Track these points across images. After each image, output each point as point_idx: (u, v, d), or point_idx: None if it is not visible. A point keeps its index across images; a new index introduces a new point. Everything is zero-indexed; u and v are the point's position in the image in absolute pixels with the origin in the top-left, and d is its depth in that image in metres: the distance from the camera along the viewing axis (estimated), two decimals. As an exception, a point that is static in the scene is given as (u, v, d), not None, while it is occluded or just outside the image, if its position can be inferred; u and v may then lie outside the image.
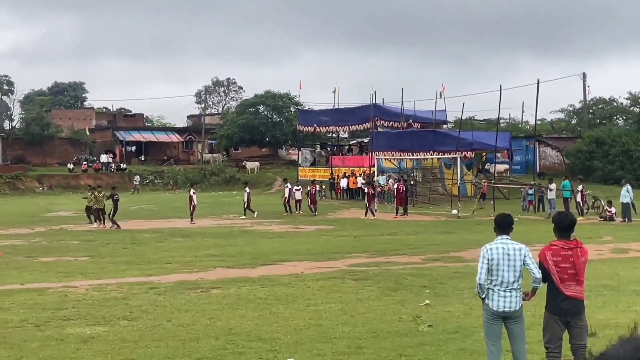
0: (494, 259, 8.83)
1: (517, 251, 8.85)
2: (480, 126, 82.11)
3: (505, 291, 8.81)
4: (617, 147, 60.08)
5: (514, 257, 8.82)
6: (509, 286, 8.80)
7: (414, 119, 62.97)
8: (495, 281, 8.84)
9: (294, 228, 35.10)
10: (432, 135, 55.03)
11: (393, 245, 26.23)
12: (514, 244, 8.92)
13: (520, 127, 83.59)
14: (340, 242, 28.04)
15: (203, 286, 17.11)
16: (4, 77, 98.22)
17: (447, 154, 52.45)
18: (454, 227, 34.54)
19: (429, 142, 53.31)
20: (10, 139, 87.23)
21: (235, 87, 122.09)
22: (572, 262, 8.69)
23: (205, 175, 76.86)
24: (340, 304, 14.71)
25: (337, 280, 17.75)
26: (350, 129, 68.67)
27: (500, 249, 8.86)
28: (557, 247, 8.78)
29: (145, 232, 33.41)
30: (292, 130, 79.64)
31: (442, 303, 14.68)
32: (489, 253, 8.89)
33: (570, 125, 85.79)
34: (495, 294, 8.85)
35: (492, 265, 8.84)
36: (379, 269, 19.85)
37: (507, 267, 8.80)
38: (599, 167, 59.79)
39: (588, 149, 61.89)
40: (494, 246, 8.93)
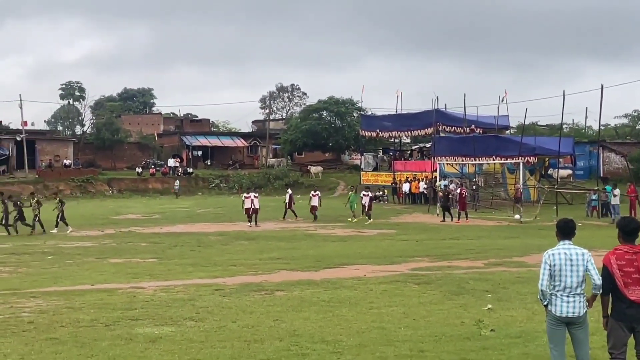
0: (557, 265, 8.73)
1: (579, 256, 8.73)
2: (543, 131, 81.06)
3: (568, 296, 8.70)
4: (683, 152, 58.90)
5: (577, 262, 8.70)
6: (572, 291, 8.69)
7: (476, 124, 62.54)
8: (558, 286, 8.74)
9: (356, 232, 35.06)
10: (495, 140, 54.55)
11: (455, 250, 26.03)
12: (576, 249, 8.80)
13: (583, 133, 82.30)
14: (403, 246, 27.92)
15: (267, 288, 17.18)
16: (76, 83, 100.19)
17: (509, 159, 51.92)
18: (516, 232, 34.16)
19: (491, 147, 52.88)
20: (82, 143, 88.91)
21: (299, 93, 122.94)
22: (637, 267, 8.51)
23: (269, 179, 77.35)
24: (403, 307, 14.64)
25: (399, 284, 17.67)
26: (412, 134, 68.53)
27: (562, 254, 8.76)
28: (622, 251, 8.61)
29: (211, 235, 33.71)
30: (355, 136, 79.70)
31: (504, 307, 14.51)
32: (551, 258, 8.79)
33: (634, 130, 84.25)
34: (559, 299, 8.75)
35: (554, 270, 8.75)
36: (442, 273, 19.72)
37: (569, 272, 8.70)
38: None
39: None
40: (556, 251, 8.82)
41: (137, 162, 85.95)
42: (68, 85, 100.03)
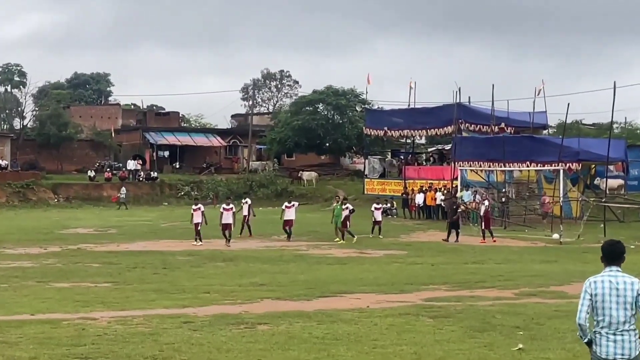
0: (599, 295, 8.73)
1: (627, 285, 8.72)
2: (589, 132, 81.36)
3: (615, 334, 8.66)
4: None
5: (624, 293, 8.67)
6: (619, 327, 8.66)
7: (507, 122, 62.67)
8: (603, 322, 8.72)
9: (358, 253, 35.09)
10: (529, 141, 54.66)
11: (479, 276, 26.07)
12: (624, 277, 8.79)
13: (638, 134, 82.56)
14: (415, 271, 27.96)
15: (248, 321, 17.18)
16: (16, 66, 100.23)
17: (547, 165, 52.00)
18: (554, 255, 34.22)
19: (525, 151, 52.96)
20: (21, 140, 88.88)
21: (290, 81, 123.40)
22: None
23: (252, 187, 77.33)
24: (414, 346, 14.64)
25: (410, 317, 17.68)
26: (428, 133, 68.69)
27: (607, 283, 8.75)
28: None
29: (179, 254, 33.71)
30: (358, 134, 79.81)
31: (539, 348, 14.53)
32: (592, 287, 8.80)
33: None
34: (603, 338, 8.71)
35: (596, 302, 8.75)
36: (462, 304, 19.75)
37: (615, 305, 8.67)
38: None
39: None
40: (599, 279, 8.83)
41: (90, 164, 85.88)
42: (5, 69, 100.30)
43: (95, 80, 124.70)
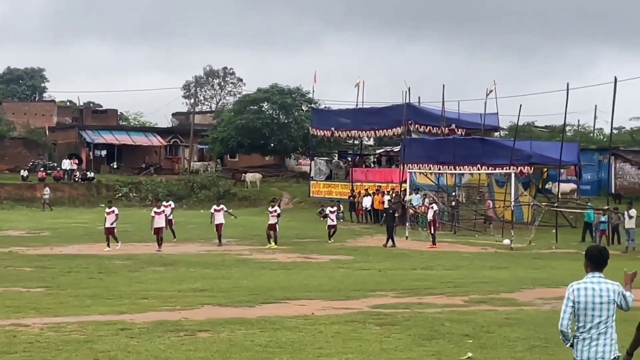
0: (582, 302, 8.96)
1: (610, 292, 8.97)
2: (542, 134, 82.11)
3: (592, 339, 8.93)
4: None
5: (607, 300, 8.94)
6: (599, 332, 8.91)
7: (458, 123, 62.99)
8: (582, 328, 8.99)
9: (303, 258, 35.12)
10: (480, 144, 55.00)
11: (428, 283, 26.21)
12: (607, 283, 9.04)
13: (591, 137, 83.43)
14: (362, 277, 28.02)
15: (187, 328, 17.10)
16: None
17: (498, 168, 52.33)
18: (505, 261, 34.50)
19: (476, 153, 53.28)
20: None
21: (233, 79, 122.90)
22: None
23: (193, 188, 77.01)
24: (360, 354, 14.68)
25: (356, 325, 17.72)
26: (376, 134, 68.76)
27: (590, 290, 8.99)
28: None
29: (115, 258, 33.47)
30: (304, 135, 79.81)
31: (488, 357, 14.64)
32: (576, 294, 9.03)
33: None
34: (580, 343, 9.00)
35: (578, 308, 8.98)
36: (410, 311, 19.82)
37: (598, 312, 8.93)
38: (691, 189, 59.65)
39: (678, 167, 61.77)
40: (582, 286, 9.06)
41: (23, 163, 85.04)
42: None
43: (30, 76, 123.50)
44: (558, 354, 14.83)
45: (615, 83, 50.32)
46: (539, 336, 16.50)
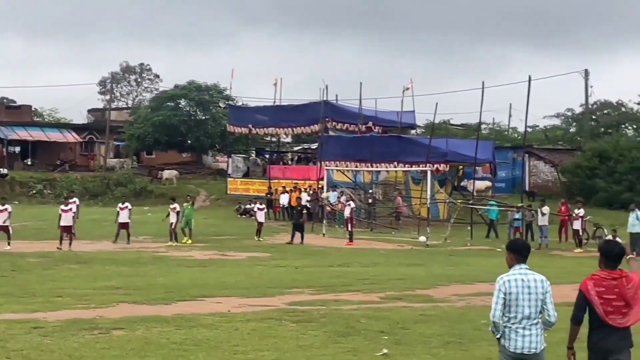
0: (513, 293, 9.35)
1: (538, 283, 9.42)
2: (457, 132, 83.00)
3: (525, 329, 9.32)
4: (624, 163, 60.92)
5: (535, 290, 9.37)
6: (530, 323, 9.32)
7: (375, 121, 63.36)
8: (514, 319, 9.36)
9: (220, 255, 34.99)
10: (397, 142, 55.34)
11: (345, 280, 26.25)
12: (534, 275, 9.49)
13: (506, 135, 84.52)
14: (279, 274, 27.99)
15: (102, 326, 16.94)
16: None
17: (415, 166, 52.70)
18: (421, 259, 34.73)
19: (393, 151, 53.59)
20: None
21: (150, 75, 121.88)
22: (618, 293, 9.36)
23: (109, 185, 76.22)
24: (276, 352, 14.68)
25: (272, 322, 17.71)
26: (294, 132, 68.88)
27: (519, 282, 9.40)
28: (600, 277, 9.49)
29: (29, 256, 32.98)
30: (221, 132, 79.49)
31: (404, 353, 14.73)
32: (506, 286, 9.42)
33: (568, 134, 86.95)
34: (513, 333, 9.35)
35: (509, 300, 9.37)
36: (326, 308, 19.85)
37: (527, 302, 9.34)
38: (602, 187, 60.60)
39: (589, 165, 62.66)
40: (512, 277, 9.47)
41: None
42: None
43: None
44: (472, 350, 15.01)
45: (530, 82, 51.01)
46: (454, 332, 16.66)
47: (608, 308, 9.31)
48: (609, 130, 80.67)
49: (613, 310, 9.31)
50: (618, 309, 9.33)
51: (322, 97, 62.07)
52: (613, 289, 9.36)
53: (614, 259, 9.58)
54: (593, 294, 9.37)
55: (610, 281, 9.39)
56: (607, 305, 9.31)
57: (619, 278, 9.41)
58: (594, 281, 9.46)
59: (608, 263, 9.55)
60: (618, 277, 9.42)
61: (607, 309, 9.31)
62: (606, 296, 9.33)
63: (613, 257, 9.58)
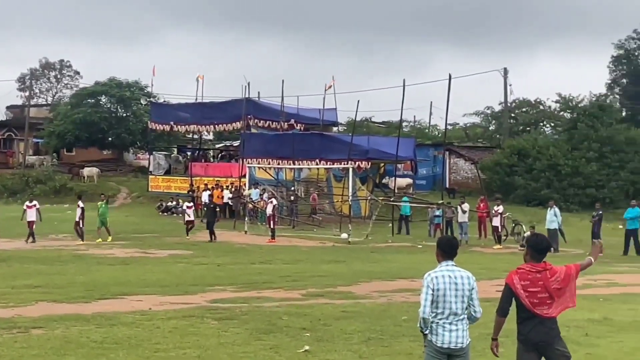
0: (440, 289, 9.45)
1: (465, 279, 9.56)
2: (379, 130, 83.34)
3: (451, 324, 9.46)
4: (543, 161, 61.79)
5: (462, 287, 9.50)
6: (456, 319, 9.47)
7: (297, 118, 63.45)
8: (441, 314, 9.48)
9: (141, 253, 34.76)
10: (319, 139, 55.37)
11: (267, 277, 26.23)
12: (460, 271, 9.63)
13: (427, 133, 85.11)
14: (201, 272, 27.89)
15: (21, 325, 16.73)
16: None
17: (337, 163, 52.86)
18: (343, 255, 34.81)
19: (315, 148, 53.62)
20: None
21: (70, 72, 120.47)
22: (542, 286, 9.60)
23: (28, 183, 75.20)
24: (198, 349, 14.62)
25: (194, 320, 17.64)
26: (216, 129, 68.60)
27: (447, 278, 9.51)
28: (525, 271, 9.73)
29: (-54, 255, 32.51)
30: (143, 129, 78.91)
31: (325, 350, 14.75)
32: (434, 282, 9.50)
33: (487, 132, 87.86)
34: (440, 328, 9.47)
35: (437, 296, 9.46)
36: (248, 305, 19.84)
37: (454, 298, 9.47)
38: (520, 184, 61.41)
39: (508, 162, 63.44)
40: (439, 274, 9.56)
41: None
42: None
43: None
44: (393, 346, 15.10)
45: (450, 80, 51.44)
46: (375, 328, 16.74)
47: (534, 300, 9.55)
48: (527, 128, 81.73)
49: (539, 302, 9.55)
50: (543, 300, 9.57)
51: (244, 94, 62.13)
52: (537, 281, 9.60)
53: (541, 252, 9.82)
54: (519, 287, 9.60)
55: (535, 274, 9.62)
56: (532, 297, 9.55)
57: (543, 271, 9.66)
58: (520, 275, 9.69)
59: (535, 255, 9.79)
60: (542, 269, 9.67)
61: (533, 301, 9.54)
62: (531, 289, 9.57)
63: (540, 250, 9.82)
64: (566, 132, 67.84)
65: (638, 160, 60.93)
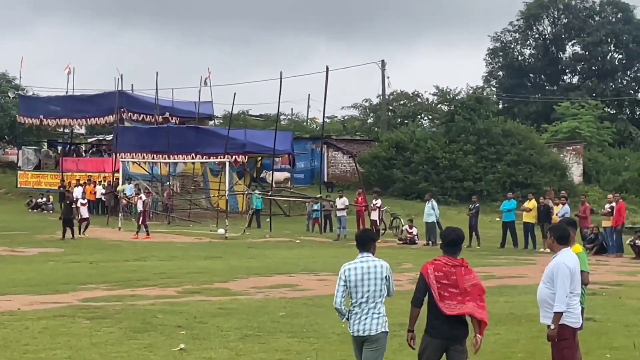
0: (352, 280, 10.01)
1: (378, 268, 10.05)
2: (256, 123, 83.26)
3: (363, 312, 9.98)
4: (421, 154, 62.55)
5: (375, 276, 9.99)
6: (367, 307, 9.96)
7: (172, 111, 63.12)
8: (355, 303, 10.03)
9: (9, 251, 34.14)
10: (195, 133, 55.20)
11: (141, 274, 26.05)
12: (375, 261, 10.13)
13: (305, 126, 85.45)
14: (72, 270, 27.53)
15: None
16: None
17: (213, 157, 52.74)
18: (219, 251, 34.77)
19: (191, 142, 53.46)
20: None
21: None
22: (454, 280, 9.79)
23: None
24: (69, 350, 14.44)
25: (65, 319, 17.40)
26: (88, 123, 67.78)
27: (359, 269, 10.04)
28: (441, 263, 9.93)
29: None
30: (10, 123, 77.34)
31: (201, 347, 14.72)
32: (347, 273, 10.05)
33: (365, 125, 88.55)
34: (353, 316, 10.04)
35: (350, 287, 10.02)
36: (122, 304, 19.66)
37: (366, 288, 9.97)
38: (399, 177, 62.03)
39: (386, 155, 63.95)
40: (352, 266, 10.10)
41: None
42: None
43: None
44: (270, 342, 15.15)
45: (327, 72, 51.71)
46: (252, 325, 16.78)
47: (444, 293, 9.74)
48: (405, 120, 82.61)
49: (449, 295, 9.75)
50: (453, 295, 9.76)
51: (117, 87, 61.38)
52: (450, 275, 9.80)
53: (449, 244, 10.06)
54: (432, 278, 9.81)
55: (450, 268, 9.84)
56: (443, 290, 9.75)
57: (459, 266, 9.88)
58: (435, 265, 9.92)
59: (446, 249, 10.05)
60: (458, 265, 9.91)
61: (442, 293, 9.74)
62: (443, 281, 9.78)
63: (449, 242, 10.06)
64: (444, 125, 68.80)
65: (514, 153, 62.09)
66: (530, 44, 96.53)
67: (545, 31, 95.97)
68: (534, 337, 14.51)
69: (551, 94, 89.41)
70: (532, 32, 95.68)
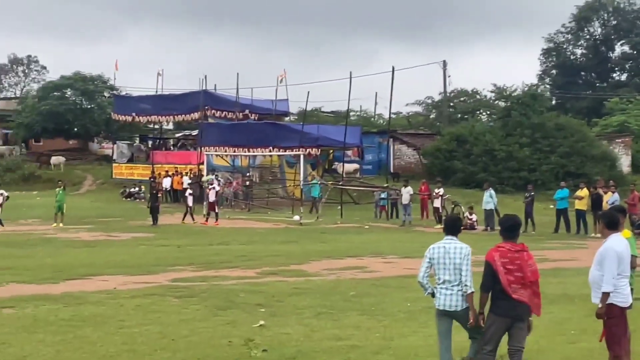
0: (435, 258, 10.37)
1: (457, 250, 10.31)
2: (328, 119, 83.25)
3: (447, 289, 10.25)
4: (479, 146, 62.04)
5: (454, 257, 10.24)
6: (451, 284, 10.22)
7: (251, 109, 63.32)
8: (439, 280, 10.34)
9: (106, 236, 34.53)
10: (272, 128, 55.42)
11: (224, 257, 26.19)
12: (457, 243, 10.39)
13: (372, 122, 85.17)
14: (162, 253, 27.76)
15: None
16: None
17: (289, 150, 52.91)
18: (295, 236, 34.82)
19: (268, 137, 53.69)
20: None
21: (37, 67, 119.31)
22: (519, 265, 9.83)
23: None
24: (160, 325, 14.57)
25: (156, 298, 17.58)
26: (175, 119, 68.32)
27: (442, 249, 10.35)
28: (505, 249, 9.96)
29: None
30: (106, 120, 78.31)
31: (279, 324, 14.77)
32: (431, 252, 10.43)
33: (428, 120, 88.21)
34: (438, 292, 10.34)
35: (433, 264, 10.39)
36: (207, 284, 19.79)
37: (446, 267, 10.27)
38: (459, 168, 61.57)
39: (448, 148, 63.55)
40: (436, 246, 10.45)
41: None
42: None
43: None
44: (342, 320, 15.15)
45: (393, 72, 51.65)
46: (325, 303, 16.79)
47: (510, 278, 9.77)
48: (465, 116, 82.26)
49: (514, 279, 9.77)
50: (519, 279, 9.79)
51: (201, 86, 62.02)
52: (515, 260, 9.83)
53: (508, 229, 10.12)
54: (499, 264, 9.83)
55: (513, 253, 9.86)
56: (509, 275, 9.78)
57: (521, 251, 9.92)
58: (500, 252, 9.94)
59: (506, 235, 10.10)
60: (520, 249, 9.94)
61: (509, 278, 9.77)
62: (509, 267, 9.81)
63: (508, 228, 10.13)
64: (501, 119, 68.05)
65: (567, 145, 61.23)
66: (582, 44, 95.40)
67: (596, 32, 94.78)
68: (586, 316, 14.31)
69: (601, 90, 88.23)
70: (583, 33, 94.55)
